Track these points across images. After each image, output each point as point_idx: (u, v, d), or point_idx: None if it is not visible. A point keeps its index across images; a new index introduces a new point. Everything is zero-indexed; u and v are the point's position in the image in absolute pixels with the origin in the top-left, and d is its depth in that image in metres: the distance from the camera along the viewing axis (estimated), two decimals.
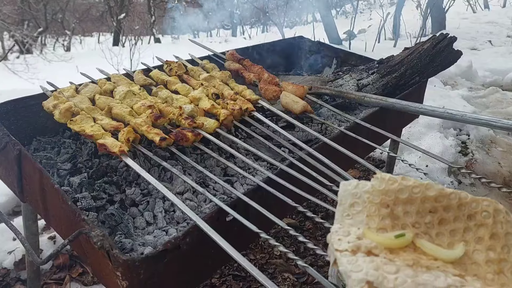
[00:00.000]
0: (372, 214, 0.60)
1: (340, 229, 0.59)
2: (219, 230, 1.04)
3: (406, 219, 0.60)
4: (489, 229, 0.59)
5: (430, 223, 0.60)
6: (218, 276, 2.08)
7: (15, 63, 9.65)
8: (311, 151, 1.44)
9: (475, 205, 0.60)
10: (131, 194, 1.37)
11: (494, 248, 0.58)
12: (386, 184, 0.61)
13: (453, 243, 0.59)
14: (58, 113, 1.34)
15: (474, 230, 0.59)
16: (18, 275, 1.94)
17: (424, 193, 0.60)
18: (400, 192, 0.61)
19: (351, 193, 0.63)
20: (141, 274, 0.96)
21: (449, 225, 0.60)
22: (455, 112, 1.60)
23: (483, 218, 0.59)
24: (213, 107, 1.53)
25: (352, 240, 0.57)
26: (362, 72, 2.16)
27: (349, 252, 0.55)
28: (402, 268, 0.51)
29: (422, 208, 0.60)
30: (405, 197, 0.60)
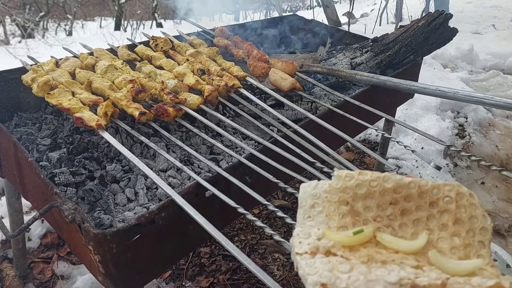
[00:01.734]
0: (331, 213, 0.59)
1: (301, 232, 0.58)
2: (199, 206, 1.01)
3: (367, 214, 0.59)
4: (453, 215, 0.57)
5: (392, 215, 0.59)
6: (208, 256, 2.07)
7: (17, 48, 9.57)
8: (296, 127, 1.40)
9: (437, 191, 0.58)
10: (111, 170, 1.34)
11: (458, 233, 0.57)
12: (343, 181, 0.60)
13: (417, 233, 0.58)
14: (36, 86, 1.30)
15: (437, 217, 0.58)
16: (5, 253, 1.93)
17: (382, 185, 0.59)
18: (358, 187, 0.60)
19: (310, 194, 0.62)
20: (113, 248, 0.94)
21: (412, 215, 0.58)
22: (447, 89, 1.56)
23: (446, 203, 0.58)
24: (197, 83, 1.49)
25: (311, 242, 0.56)
26: (355, 51, 2.11)
27: (308, 254, 0.54)
28: (357, 265, 0.50)
29: (382, 201, 0.59)
30: (364, 192, 0.59)
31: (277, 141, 1.35)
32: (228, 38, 1.96)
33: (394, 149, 2.93)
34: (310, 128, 1.42)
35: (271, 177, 1.15)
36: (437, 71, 4.26)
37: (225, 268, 1.99)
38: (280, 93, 1.63)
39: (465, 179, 2.77)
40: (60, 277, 1.85)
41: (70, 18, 15.12)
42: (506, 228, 2.39)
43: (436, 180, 2.63)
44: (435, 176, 2.66)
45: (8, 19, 11.83)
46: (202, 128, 1.58)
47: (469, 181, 2.76)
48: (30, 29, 12.11)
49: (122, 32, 11.13)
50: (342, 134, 1.41)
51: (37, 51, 8.96)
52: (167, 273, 1.94)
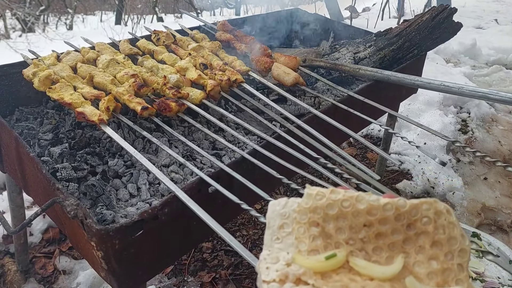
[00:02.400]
0: (301, 235, 0.54)
1: (269, 256, 0.52)
2: (201, 202, 1.00)
3: (339, 236, 0.53)
4: (430, 236, 0.52)
5: (366, 238, 0.53)
6: (210, 251, 2.07)
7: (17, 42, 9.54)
8: (300, 123, 1.39)
9: (415, 212, 0.53)
10: (113, 166, 1.33)
11: (436, 257, 0.52)
12: (314, 200, 0.54)
13: (393, 256, 0.53)
14: (37, 81, 1.29)
15: (414, 239, 0.53)
16: (6, 248, 1.93)
17: (354, 206, 0.54)
18: (329, 207, 0.54)
19: (279, 214, 0.56)
20: (116, 244, 0.93)
21: (387, 238, 0.53)
22: (452, 84, 1.54)
23: (424, 225, 0.53)
24: (200, 78, 1.47)
25: (280, 268, 0.50)
26: (359, 45, 2.09)
27: (276, 282, 0.49)
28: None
29: (355, 223, 0.53)
30: (335, 213, 0.54)
31: (280, 137, 1.34)
32: (231, 32, 1.94)
33: (396, 145, 2.92)
34: (313, 123, 1.41)
35: (274, 173, 1.14)
36: (440, 66, 4.23)
37: (227, 263, 1.99)
38: (283, 88, 1.61)
39: (468, 174, 2.76)
40: (62, 272, 1.85)
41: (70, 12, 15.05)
42: (508, 223, 2.38)
43: (439, 175, 2.62)
44: (438, 172, 2.65)
45: (9, 13, 11.78)
46: (204, 123, 1.56)
47: (471, 177, 2.75)
48: (30, 23, 12.06)
49: (122, 26, 11.08)
50: (346, 129, 1.40)
51: (37, 45, 8.93)
52: (169, 268, 1.94)
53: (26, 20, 11.92)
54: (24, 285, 1.78)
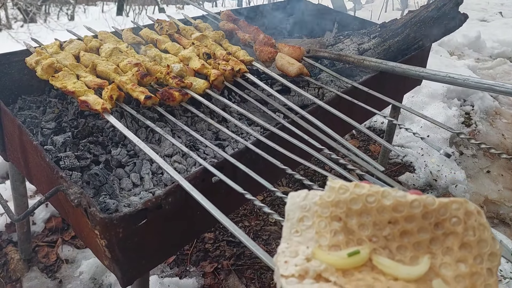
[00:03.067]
0: (322, 230, 0.52)
1: (287, 249, 0.50)
2: (205, 192, 1.00)
3: (361, 232, 0.51)
4: (459, 238, 0.49)
5: (390, 236, 0.51)
6: (212, 241, 2.07)
7: (19, 32, 9.49)
8: (304, 113, 1.38)
9: (443, 210, 0.50)
10: (117, 155, 1.33)
11: (465, 259, 0.49)
12: (336, 194, 0.52)
13: (417, 257, 0.50)
14: (40, 69, 1.28)
15: (441, 239, 0.50)
16: (9, 237, 1.94)
17: (380, 202, 0.51)
18: (352, 202, 0.52)
19: (299, 206, 0.53)
20: (119, 233, 0.93)
21: (413, 237, 0.51)
22: (457, 76, 1.53)
23: (453, 225, 0.50)
24: (203, 67, 1.46)
25: (299, 263, 0.48)
26: (363, 36, 2.08)
27: (295, 277, 0.47)
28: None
29: (380, 219, 0.51)
30: (359, 208, 0.51)
31: (284, 127, 1.33)
32: (234, 22, 1.92)
33: (399, 137, 2.91)
34: (317, 114, 1.40)
35: (278, 163, 1.13)
36: (444, 58, 4.21)
37: (229, 253, 1.99)
38: (286, 78, 1.60)
39: (471, 167, 2.75)
40: (64, 261, 1.86)
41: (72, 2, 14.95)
42: (511, 217, 2.38)
43: (442, 168, 2.61)
44: (441, 164, 2.64)
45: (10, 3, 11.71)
46: (208, 113, 1.56)
47: (474, 170, 2.74)
48: (32, 13, 12.01)
49: (124, 17, 11.02)
50: (350, 120, 1.39)
51: (39, 36, 8.88)
52: (171, 258, 1.94)
53: (28, 10, 11.86)
54: (27, 274, 1.78)
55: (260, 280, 1.89)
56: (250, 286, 1.85)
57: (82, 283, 1.76)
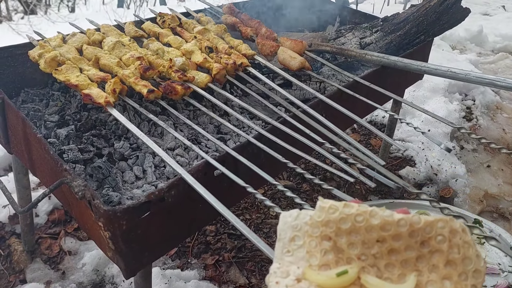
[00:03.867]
0: (312, 249, 0.53)
1: (279, 269, 0.52)
2: (207, 185, 1.01)
3: (351, 251, 0.53)
4: (445, 256, 0.51)
5: (379, 254, 0.52)
6: (213, 234, 2.09)
7: (20, 24, 9.46)
8: (305, 107, 1.39)
9: (429, 229, 0.52)
10: (119, 148, 1.34)
11: (450, 277, 0.50)
12: (326, 213, 0.54)
13: (405, 274, 0.52)
14: (43, 62, 1.29)
15: (428, 257, 0.52)
16: (13, 228, 1.95)
17: (368, 221, 0.52)
18: (342, 221, 0.53)
19: (291, 226, 0.55)
20: (123, 225, 0.94)
21: (400, 255, 0.52)
22: (458, 71, 1.53)
23: (438, 243, 0.52)
24: (205, 61, 1.47)
25: (290, 284, 0.50)
26: (365, 30, 2.07)
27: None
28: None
29: (368, 238, 0.52)
30: (348, 227, 0.53)
31: (285, 121, 1.34)
32: (236, 16, 1.92)
33: (400, 131, 2.91)
34: (319, 108, 1.41)
35: (280, 157, 1.14)
36: (446, 52, 4.20)
37: (230, 246, 2.01)
38: (288, 72, 1.61)
39: (471, 162, 2.76)
40: (67, 252, 1.88)
41: None
42: (510, 211, 2.39)
43: (442, 162, 2.62)
44: (441, 159, 2.65)
45: None
46: (210, 107, 1.56)
47: (475, 164, 2.75)
48: (32, 5, 11.95)
49: (125, 9, 10.97)
50: (351, 114, 1.39)
51: (40, 28, 8.85)
52: (173, 251, 1.96)
53: (28, 2, 11.80)
54: (30, 265, 1.80)
55: (261, 272, 1.91)
56: (251, 278, 1.87)
57: (85, 275, 1.78)
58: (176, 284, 1.71)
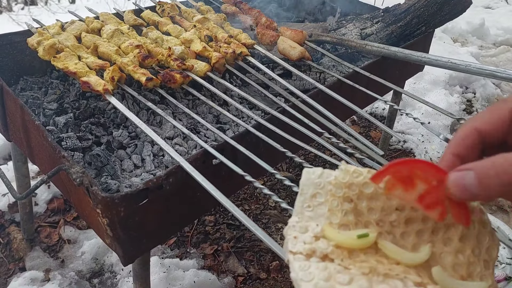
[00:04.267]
0: (334, 208, 0.54)
1: (298, 224, 0.53)
2: (205, 174, 1.01)
3: (370, 216, 0.54)
4: (460, 230, 0.52)
5: (396, 222, 0.54)
6: (212, 224, 2.09)
7: (20, 14, 9.42)
8: (305, 97, 1.38)
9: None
10: (118, 136, 1.34)
11: (463, 250, 0.52)
12: (351, 176, 0.55)
13: (419, 244, 0.53)
14: (42, 49, 1.28)
15: (443, 230, 0.53)
16: (12, 217, 1.96)
17: None
18: (365, 186, 0.54)
19: (313, 183, 0.56)
20: (121, 212, 0.94)
21: (417, 225, 0.53)
22: (459, 62, 1.53)
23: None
24: (205, 50, 1.46)
25: (308, 241, 0.50)
26: (366, 21, 2.06)
27: (303, 255, 0.49)
28: (357, 277, 0.46)
29: (388, 205, 0.54)
30: (370, 192, 0.54)
31: (285, 111, 1.33)
32: (236, 5, 1.91)
33: (400, 123, 2.91)
34: (318, 98, 1.40)
35: (278, 146, 1.14)
36: (447, 45, 4.18)
37: (229, 236, 2.02)
38: (288, 62, 1.60)
39: None
40: (66, 241, 1.88)
41: None
42: (509, 204, 2.39)
43: (442, 154, 2.62)
44: (441, 151, 2.65)
45: None
46: (209, 96, 1.56)
47: None
48: None
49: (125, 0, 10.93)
50: (351, 104, 1.39)
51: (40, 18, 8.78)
52: (172, 240, 1.97)
53: None
54: (30, 253, 1.81)
55: (259, 262, 1.92)
56: (250, 268, 1.88)
57: (84, 263, 1.79)
58: (175, 273, 1.72)
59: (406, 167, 0.52)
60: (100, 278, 1.76)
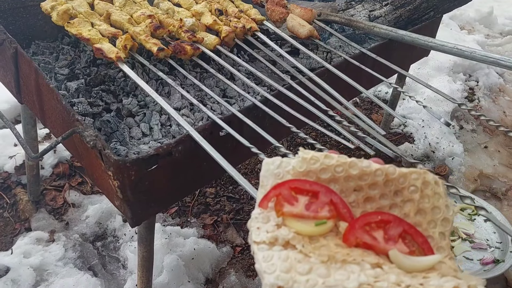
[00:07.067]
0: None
1: (260, 215, 0.54)
2: (213, 144, 1.04)
3: None
4: (416, 205, 0.54)
5: (355, 202, 0.56)
6: (213, 196, 2.15)
7: None
8: (311, 75, 1.41)
9: (403, 180, 0.55)
10: (128, 104, 1.37)
11: (420, 224, 0.54)
12: (308, 164, 0.56)
13: None
14: (56, 14, 1.30)
15: (400, 206, 0.55)
16: (18, 179, 2.01)
17: (347, 172, 0.56)
18: (322, 172, 0.56)
19: (273, 173, 0.57)
20: (132, 175, 0.99)
21: (375, 203, 0.55)
22: (464, 48, 1.55)
23: (410, 193, 0.55)
24: (215, 23, 1.48)
25: (270, 229, 0.52)
26: (375, 3, 2.07)
27: (266, 244, 0.50)
28: (316, 266, 0.47)
29: (346, 187, 0.56)
30: (328, 177, 0.56)
31: (291, 87, 1.36)
32: None
33: (402, 108, 2.94)
34: (325, 77, 1.43)
35: (284, 122, 1.17)
36: (454, 32, 4.17)
37: (228, 208, 2.08)
38: (296, 40, 1.62)
39: (469, 141, 2.81)
40: (71, 205, 1.94)
41: None
42: (503, 191, 2.45)
43: (441, 140, 2.66)
44: (440, 137, 2.69)
45: None
46: (216, 70, 1.58)
47: (472, 144, 2.79)
48: None
49: None
50: (356, 85, 1.42)
51: None
52: (173, 209, 2.02)
53: None
54: (35, 214, 1.87)
55: None
56: (247, 239, 1.94)
57: (88, 226, 1.84)
58: (176, 240, 1.78)
59: (283, 187, 0.55)
60: (103, 242, 1.82)
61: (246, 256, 1.87)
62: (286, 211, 0.53)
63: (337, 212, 0.54)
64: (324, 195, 0.54)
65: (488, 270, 1.77)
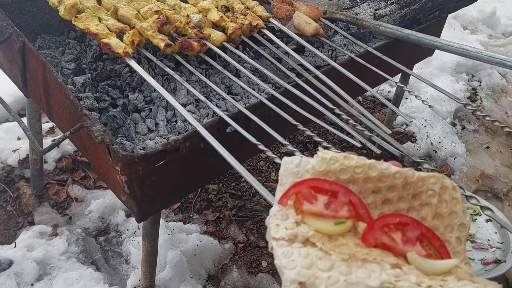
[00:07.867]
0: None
1: (279, 212, 0.54)
2: (219, 140, 1.05)
3: None
4: (433, 209, 0.55)
5: (373, 204, 0.56)
6: (216, 193, 2.15)
7: None
8: (317, 73, 1.41)
9: (421, 183, 0.56)
10: (134, 100, 1.37)
11: (437, 228, 0.54)
12: (327, 164, 0.57)
13: None
14: (63, 9, 1.30)
15: (417, 210, 0.56)
16: (22, 172, 2.01)
17: (366, 173, 0.56)
18: (341, 172, 0.57)
19: (292, 172, 0.58)
20: (139, 170, 0.99)
21: (393, 206, 0.56)
22: (470, 48, 1.55)
23: (428, 197, 0.55)
24: (221, 20, 1.48)
25: (289, 227, 0.52)
26: (380, 2, 2.07)
27: (285, 241, 0.51)
28: (337, 264, 0.47)
29: (365, 189, 0.56)
30: (347, 178, 0.56)
31: (297, 85, 1.36)
32: None
33: (405, 107, 2.94)
34: (330, 75, 1.43)
35: (290, 119, 1.18)
36: (457, 32, 4.16)
37: (231, 205, 2.08)
38: (302, 38, 1.62)
39: (471, 142, 2.81)
40: (74, 199, 1.94)
41: None
42: (504, 192, 2.46)
43: (443, 140, 2.66)
44: (442, 137, 2.69)
45: None
46: (222, 67, 1.58)
47: (474, 144, 2.80)
48: None
49: None
50: (362, 83, 1.42)
51: None
52: (176, 205, 2.03)
53: None
54: (38, 208, 1.87)
55: (259, 231, 1.98)
56: (250, 236, 1.95)
57: (91, 221, 1.85)
58: (179, 235, 1.79)
59: (303, 185, 0.55)
60: (105, 236, 1.83)
61: (248, 252, 1.88)
62: (305, 209, 0.54)
63: (356, 213, 0.54)
64: (343, 195, 0.55)
65: (490, 270, 1.78)
